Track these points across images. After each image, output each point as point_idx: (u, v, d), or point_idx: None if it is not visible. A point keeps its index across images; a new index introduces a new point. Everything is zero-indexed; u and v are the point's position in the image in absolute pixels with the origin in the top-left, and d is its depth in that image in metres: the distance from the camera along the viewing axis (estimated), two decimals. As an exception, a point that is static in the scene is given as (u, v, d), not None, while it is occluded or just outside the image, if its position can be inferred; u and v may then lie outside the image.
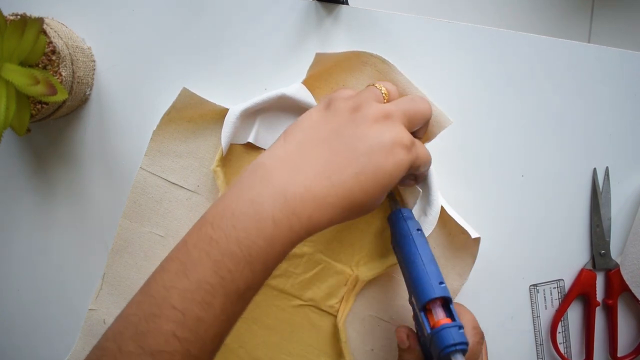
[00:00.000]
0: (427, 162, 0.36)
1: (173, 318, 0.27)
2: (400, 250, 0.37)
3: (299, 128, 0.33)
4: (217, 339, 0.29)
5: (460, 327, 0.33)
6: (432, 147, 0.41)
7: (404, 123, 0.34)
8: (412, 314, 0.37)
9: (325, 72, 0.40)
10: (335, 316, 0.43)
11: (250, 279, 0.29)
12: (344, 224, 0.42)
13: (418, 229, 0.37)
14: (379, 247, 0.42)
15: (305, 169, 0.31)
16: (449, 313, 0.34)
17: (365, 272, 0.42)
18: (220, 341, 0.30)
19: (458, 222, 0.40)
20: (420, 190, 0.40)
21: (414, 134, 0.37)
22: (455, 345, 0.32)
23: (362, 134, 0.32)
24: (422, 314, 0.34)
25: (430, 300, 0.34)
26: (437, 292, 0.33)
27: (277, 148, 0.32)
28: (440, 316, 0.33)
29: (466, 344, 0.32)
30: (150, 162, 0.42)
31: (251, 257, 0.28)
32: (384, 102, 0.35)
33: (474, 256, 0.41)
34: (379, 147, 0.31)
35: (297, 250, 0.42)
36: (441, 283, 0.34)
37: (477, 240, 0.40)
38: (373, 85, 0.36)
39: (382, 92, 0.35)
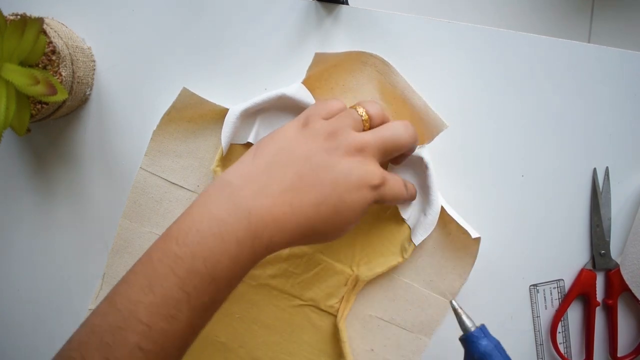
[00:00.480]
0: (397, 197, 0.36)
1: (139, 331, 0.28)
2: None
3: (271, 145, 0.33)
4: (182, 350, 0.30)
5: None
6: (432, 147, 0.41)
7: (378, 157, 0.34)
8: (412, 314, 0.37)
9: (325, 72, 0.40)
10: (335, 316, 0.43)
11: (214, 294, 0.30)
12: None
13: (496, 345, 0.36)
14: (379, 247, 0.42)
15: (269, 192, 0.31)
16: None
17: (366, 272, 0.42)
18: (185, 350, 0.30)
19: (458, 222, 0.40)
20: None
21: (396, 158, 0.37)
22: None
23: (331, 165, 0.32)
24: None
25: None
26: None
27: (246, 165, 0.33)
28: None
29: None
30: (150, 162, 0.42)
31: (216, 274, 0.29)
32: (363, 129, 0.35)
33: (474, 256, 0.41)
34: (345, 182, 0.32)
35: (297, 250, 0.42)
36: None
37: (477, 240, 0.40)
38: (355, 107, 0.36)
39: (363, 117, 0.35)
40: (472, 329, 0.36)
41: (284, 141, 0.33)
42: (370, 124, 0.35)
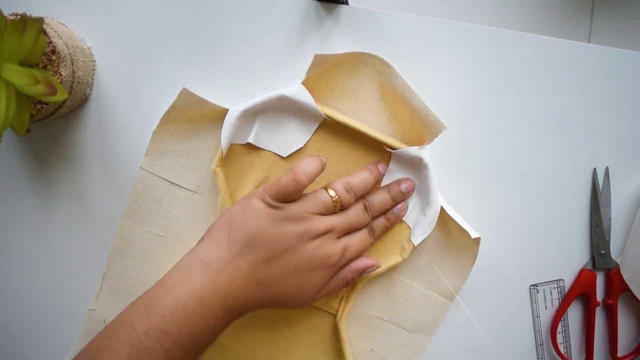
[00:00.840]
0: (363, 249, 0.40)
1: None
2: None
3: (243, 227, 0.37)
4: None
5: None
6: (432, 147, 0.41)
7: (343, 234, 0.39)
8: (412, 314, 0.37)
9: (325, 72, 0.40)
10: (335, 316, 0.43)
11: (194, 358, 0.35)
12: None
13: None
14: (379, 247, 0.42)
15: (243, 275, 0.36)
16: None
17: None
18: None
19: (458, 222, 0.40)
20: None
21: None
22: None
23: (297, 251, 0.37)
24: None
25: None
26: None
27: (223, 249, 0.36)
28: None
29: None
30: (150, 162, 0.42)
31: (198, 344, 0.34)
32: (334, 211, 0.39)
33: (474, 256, 0.41)
34: (307, 264, 0.37)
35: None
36: None
37: (477, 240, 0.40)
38: (327, 190, 0.38)
39: (333, 199, 0.38)
40: None
41: (256, 224, 0.37)
42: (341, 205, 0.39)
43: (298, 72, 0.42)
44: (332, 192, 0.38)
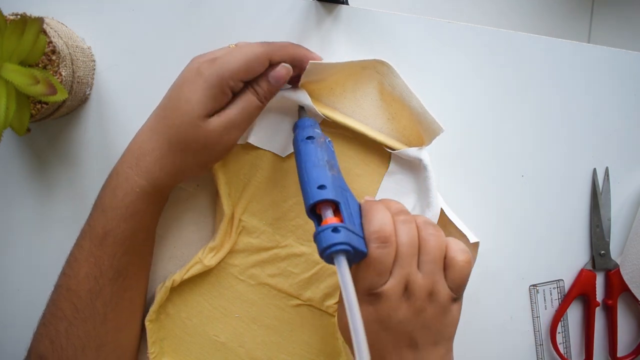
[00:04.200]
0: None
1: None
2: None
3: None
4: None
5: (342, 227, 0.29)
6: (432, 147, 0.41)
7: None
8: None
9: (324, 73, 0.40)
10: (334, 316, 0.43)
11: (105, 224, 0.36)
12: None
13: (308, 137, 0.35)
14: None
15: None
16: (339, 215, 0.31)
17: None
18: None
19: (457, 226, 0.40)
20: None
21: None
22: (333, 246, 0.28)
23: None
24: (315, 221, 0.31)
25: (315, 205, 0.31)
26: (315, 197, 0.31)
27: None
28: (328, 216, 0.31)
29: (348, 244, 0.29)
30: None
31: (104, 205, 0.36)
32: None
33: (473, 260, 0.41)
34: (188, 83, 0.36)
35: (295, 249, 0.42)
36: (321, 187, 0.32)
37: (476, 244, 0.40)
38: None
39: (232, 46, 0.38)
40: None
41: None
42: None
43: (298, 72, 0.42)
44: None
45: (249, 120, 0.37)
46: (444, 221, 0.41)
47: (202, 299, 0.43)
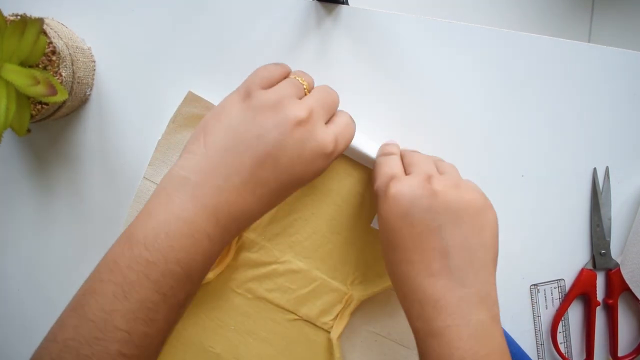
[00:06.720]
0: (351, 138, 0.36)
1: (119, 338, 0.28)
2: None
3: (219, 127, 0.32)
4: (161, 346, 0.31)
5: None
6: (432, 148, 0.41)
7: (325, 117, 0.34)
8: (409, 330, 0.36)
9: None
10: (329, 332, 0.42)
11: (190, 290, 0.31)
12: (340, 242, 0.42)
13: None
14: (375, 266, 0.42)
15: (231, 185, 0.31)
16: None
17: (361, 291, 0.42)
18: (162, 346, 0.31)
19: None
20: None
21: None
22: None
23: (284, 144, 0.31)
24: None
25: None
26: None
27: (199, 157, 0.31)
28: None
29: None
30: (154, 172, 0.42)
31: (190, 272, 0.30)
32: (304, 95, 0.34)
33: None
34: (300, 160, 0.32)
35: (293, 266, 0.42)
36: None
37: None
38: (294, 77, 0.35)
39: (304, 86, 0.34)
40: None
41: (230, 120, 0.32)
42: (308, 90, 0.35)
43: (298, 72, 0.42)
44: (300, 79, 0.35)
45: None
46: None
47: (199, 310, 0.42)
